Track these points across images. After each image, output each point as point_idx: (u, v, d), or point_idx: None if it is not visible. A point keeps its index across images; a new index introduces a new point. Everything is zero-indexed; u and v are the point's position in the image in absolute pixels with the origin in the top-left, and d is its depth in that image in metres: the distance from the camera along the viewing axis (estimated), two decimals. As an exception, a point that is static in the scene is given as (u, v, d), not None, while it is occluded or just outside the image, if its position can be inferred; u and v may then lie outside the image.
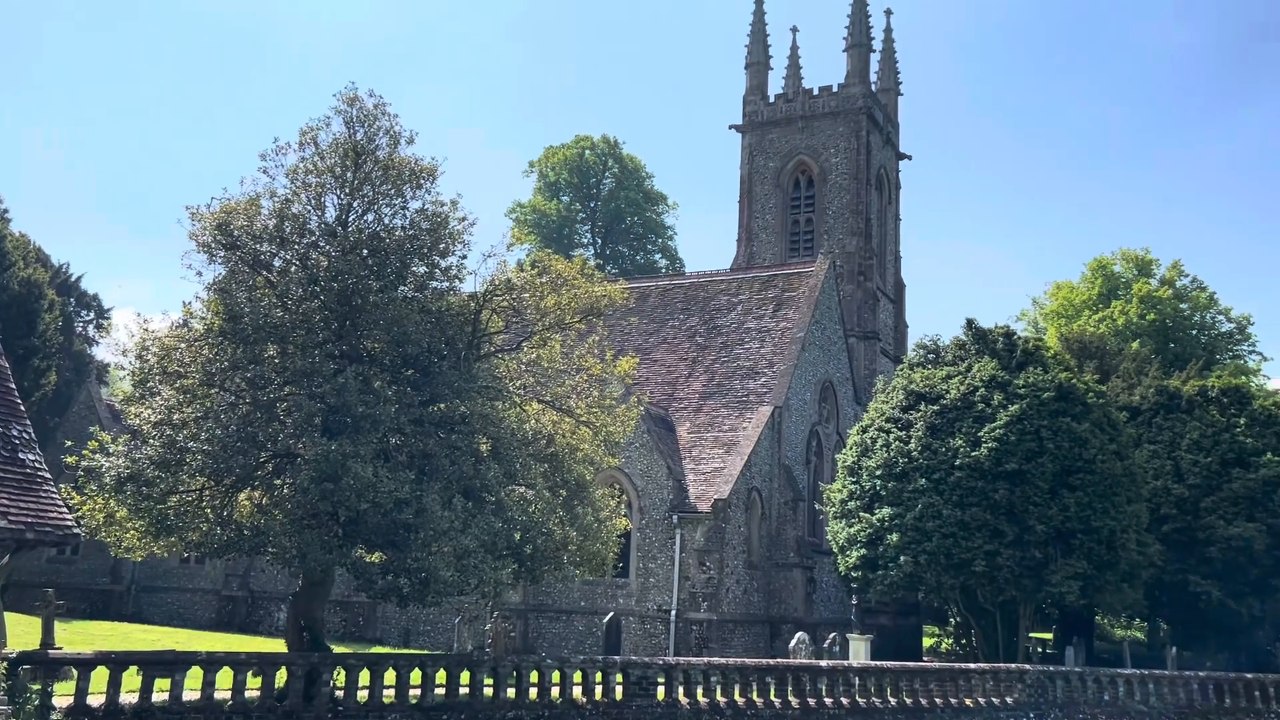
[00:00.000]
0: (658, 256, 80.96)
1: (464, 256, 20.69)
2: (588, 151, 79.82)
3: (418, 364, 19.42)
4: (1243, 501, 36.17)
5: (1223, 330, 69.68)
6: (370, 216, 20.33)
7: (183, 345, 19.29)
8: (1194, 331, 68.65)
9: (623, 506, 26.16)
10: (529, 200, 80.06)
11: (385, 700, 19.12)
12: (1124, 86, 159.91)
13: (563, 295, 20.90)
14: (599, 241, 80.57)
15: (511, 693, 20.27)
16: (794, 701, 22.92)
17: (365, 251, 19.65)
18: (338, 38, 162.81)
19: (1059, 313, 71.56)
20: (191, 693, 17.80)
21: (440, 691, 19.66)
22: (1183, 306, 69.01)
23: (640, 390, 39.51)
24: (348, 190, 20.06)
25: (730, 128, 60.25)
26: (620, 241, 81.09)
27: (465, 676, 20.15)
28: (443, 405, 19.02)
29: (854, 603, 34.70)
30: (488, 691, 20.10)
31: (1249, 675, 29.93)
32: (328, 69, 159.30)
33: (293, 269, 19.57)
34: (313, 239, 19.92)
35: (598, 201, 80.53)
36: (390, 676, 19.44)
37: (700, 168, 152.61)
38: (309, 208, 20.19)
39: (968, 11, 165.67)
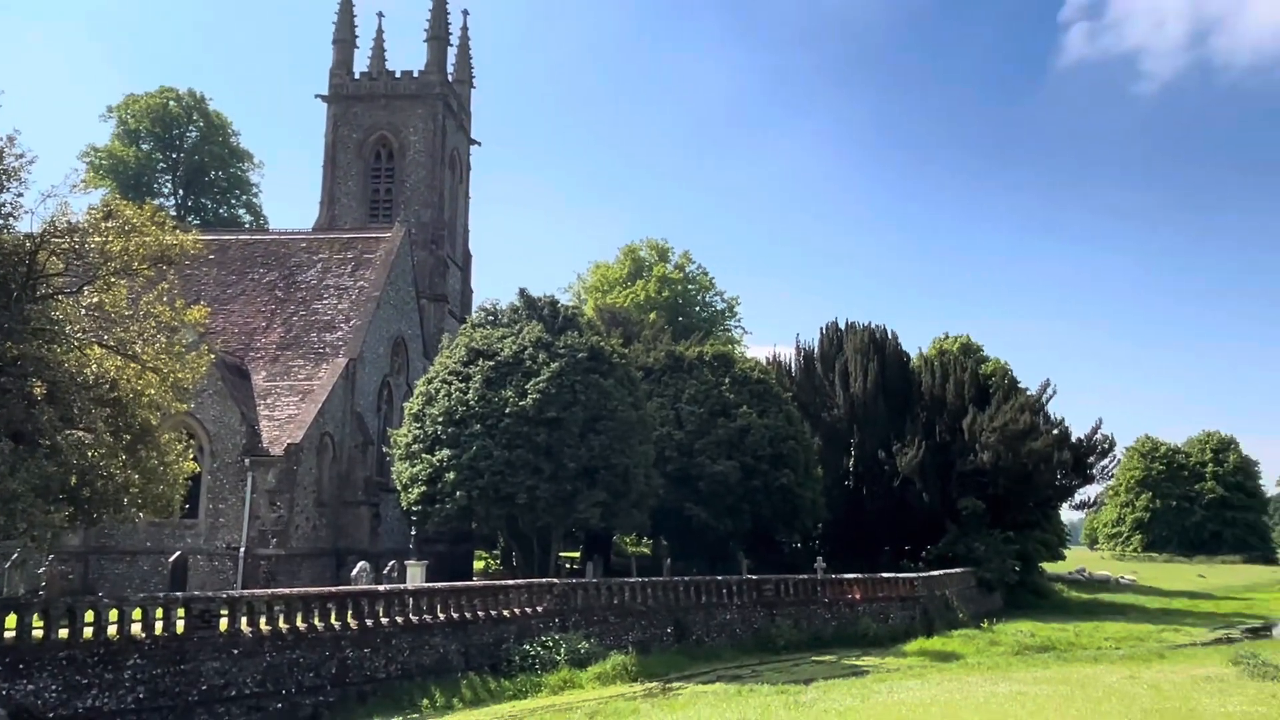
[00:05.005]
0: (242, 212, 74.65)
1: (20, 195, 17.92)
2: (172, 103, 71.44)
3: (-38, 303, 16.56)
4: (724, 445, 40.52)
5: (718, 308, 77.93)
6: (-95, 144, 16.93)
7: None
8: (698, 308, 76.12)
9: (192, 450, 24.15)
10: (106, 145, 70.31)
11: (-88, 651, 16.26)
12: (669, 105, 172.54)
13: (131, 241, 18.68)
14: (180, 193, 72.67)
15: (64, 633, 18.02)
16: (353, 624, 22.56)
17: (-102, 181, 16.36)
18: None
19: (597, 287, 76.03)
20: None
21: (-20, 638, 17.04)
22: (690, 287, 76.21)
23: (215, 339, 36.57)
24: (-124, 113, 16.56)
25: (317, 97, 57.01)
26: (204, 194, 73.60)
27: (11, 620, 17.60)
28: (-9, 346, 16.42)
29: (413, 534, 34.74)
30: (37, 634, 17.73)
31: (720, 578, 34.02)
32: None
33: None
34: None
35: (181, 153, 72.45)
36: (-81, 626, 16.56)
37: (290, 131, 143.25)
38: None
39: (538, 22, 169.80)
